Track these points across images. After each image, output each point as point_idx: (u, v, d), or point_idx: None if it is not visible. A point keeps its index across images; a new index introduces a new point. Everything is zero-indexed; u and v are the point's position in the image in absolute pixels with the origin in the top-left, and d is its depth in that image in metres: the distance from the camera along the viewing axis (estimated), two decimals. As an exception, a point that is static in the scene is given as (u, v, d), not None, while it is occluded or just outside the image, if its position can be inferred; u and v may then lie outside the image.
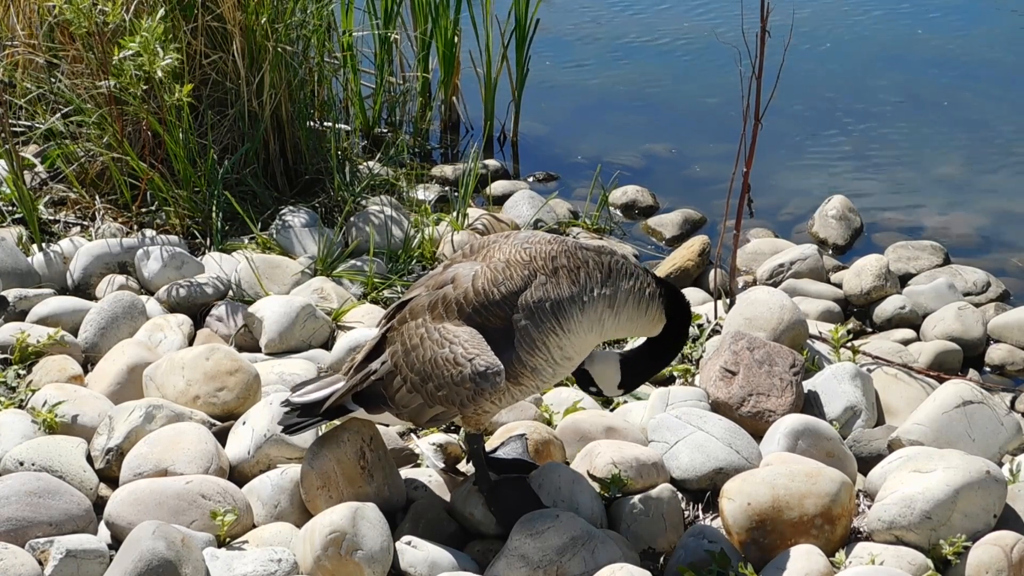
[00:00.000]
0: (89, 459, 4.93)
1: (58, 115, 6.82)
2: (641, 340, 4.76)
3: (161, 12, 6.27)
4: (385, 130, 8.27)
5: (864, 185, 8.01)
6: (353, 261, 6.52)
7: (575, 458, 4.96)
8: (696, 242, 6.85)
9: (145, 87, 6.34)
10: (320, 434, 4.76)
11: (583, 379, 4.78)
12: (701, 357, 5.83)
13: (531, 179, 8.09)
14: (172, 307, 6.06)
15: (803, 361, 5.47)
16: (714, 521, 4.82)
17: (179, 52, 6.40)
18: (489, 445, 4.91)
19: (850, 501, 4.65)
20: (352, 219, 6.82)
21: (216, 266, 6.33)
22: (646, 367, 4.74)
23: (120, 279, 6.23)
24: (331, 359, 5.60)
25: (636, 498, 4.73)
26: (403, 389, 4.49)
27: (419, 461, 5.04)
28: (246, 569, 4.37)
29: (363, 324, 5.92)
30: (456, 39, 8.12)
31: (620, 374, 4.71)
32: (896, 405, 5.56)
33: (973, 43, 9.78)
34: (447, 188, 7.74)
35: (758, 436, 5.14)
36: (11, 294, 6.02)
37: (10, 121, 6.73)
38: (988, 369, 6.27)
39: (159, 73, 6.13)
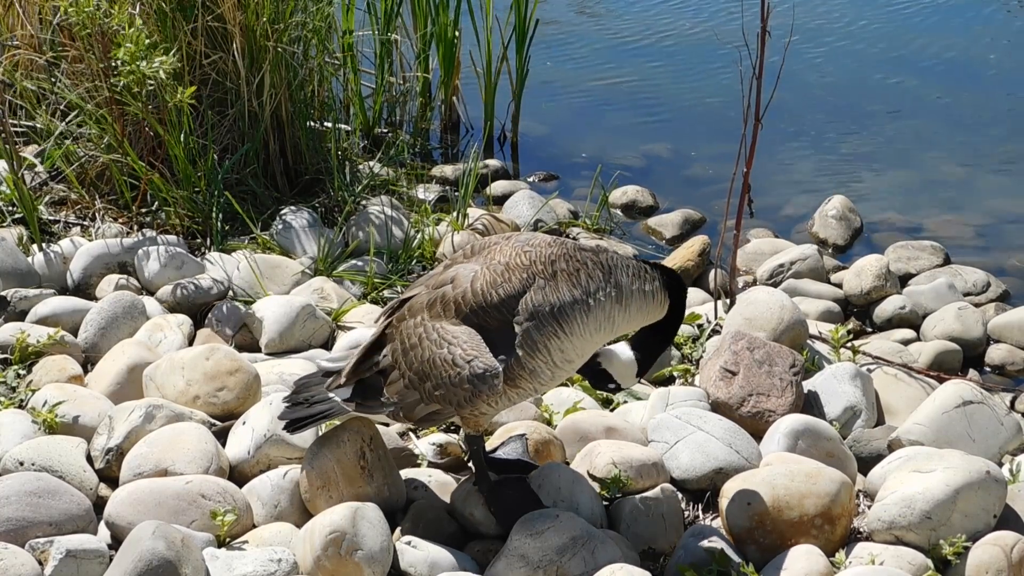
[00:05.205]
0: (89, 459, 4.93)
1: (65, 122, 6.81)
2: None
3: (139, 22, 6.23)
4: (385, 130, 8.26)
5: (864, 185, 8.00)
6: (353, 261, 6.51)
7: (575, 458, 4.95)
8: (696, 242, 6.85)
9: (150, 86, 6.32)
10: (320, 434, 4.77)
11: (599, 379, 4.76)
12: (701, 357, 5.82)
13: (531, 179, 8.08)
14: (172, 307, 6.06)
15: (803, 361, 5.47)
16: (714, 521, 4.82)
17: (178, 54, 6.38)
18: (489, 445, 4.91)
19: (850, 501, 4.65)
20: (352, 219, 6.82)
21: (216, 266, 6.33)
22: (655, 348, 4.71)
23: (120, 279, 6.22)
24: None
25: (636, 498, 4.72)
26: (400, 383, 4.49)
27: (419, 461, 5.04)
28: (246, 569, 4.37)
29: (363, 324, 5.92)
30: (456, 39, 8.11)
31: (636, 364, 4.68)
32: (896, 405, 5.56)
33: (973, 43, 9.78)
34: (447, 188, 7.73)
35: (758, 436, 5.14)
36: (11, 294, 6.02)
37: (10, 121, 6.72)
38: (988, 369, 6.26)
39: (161, 74, 6.12)
